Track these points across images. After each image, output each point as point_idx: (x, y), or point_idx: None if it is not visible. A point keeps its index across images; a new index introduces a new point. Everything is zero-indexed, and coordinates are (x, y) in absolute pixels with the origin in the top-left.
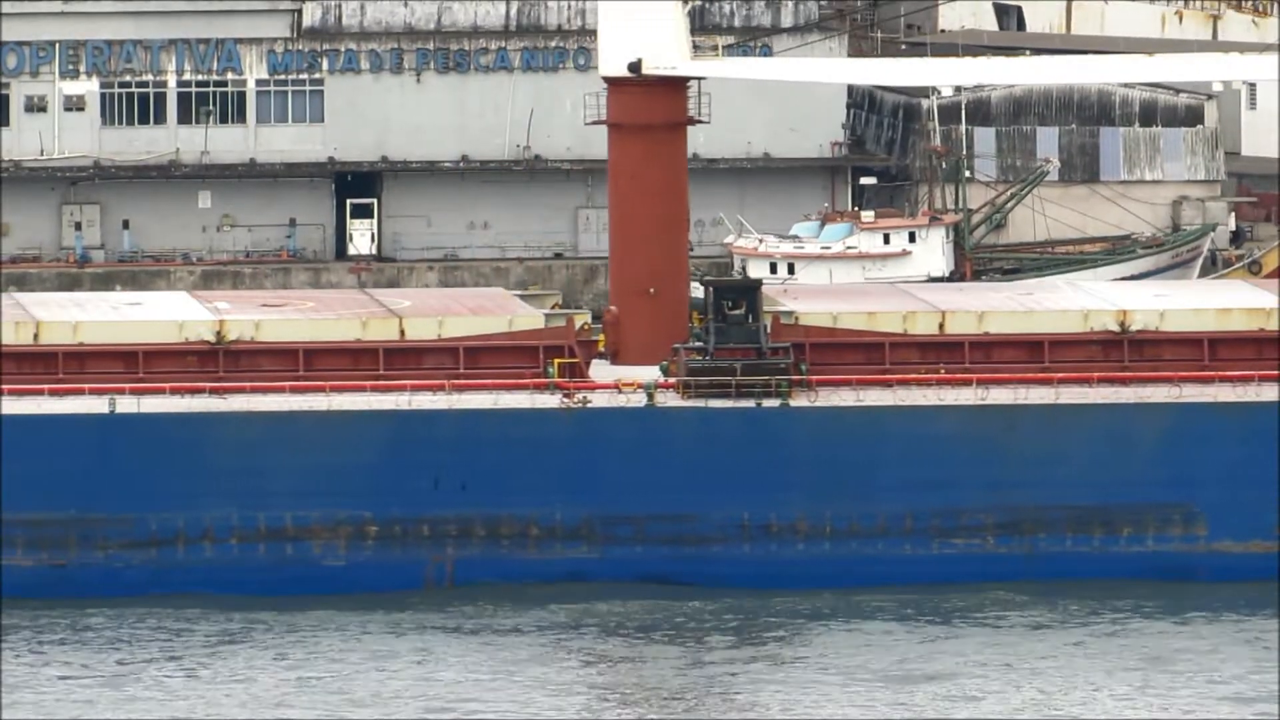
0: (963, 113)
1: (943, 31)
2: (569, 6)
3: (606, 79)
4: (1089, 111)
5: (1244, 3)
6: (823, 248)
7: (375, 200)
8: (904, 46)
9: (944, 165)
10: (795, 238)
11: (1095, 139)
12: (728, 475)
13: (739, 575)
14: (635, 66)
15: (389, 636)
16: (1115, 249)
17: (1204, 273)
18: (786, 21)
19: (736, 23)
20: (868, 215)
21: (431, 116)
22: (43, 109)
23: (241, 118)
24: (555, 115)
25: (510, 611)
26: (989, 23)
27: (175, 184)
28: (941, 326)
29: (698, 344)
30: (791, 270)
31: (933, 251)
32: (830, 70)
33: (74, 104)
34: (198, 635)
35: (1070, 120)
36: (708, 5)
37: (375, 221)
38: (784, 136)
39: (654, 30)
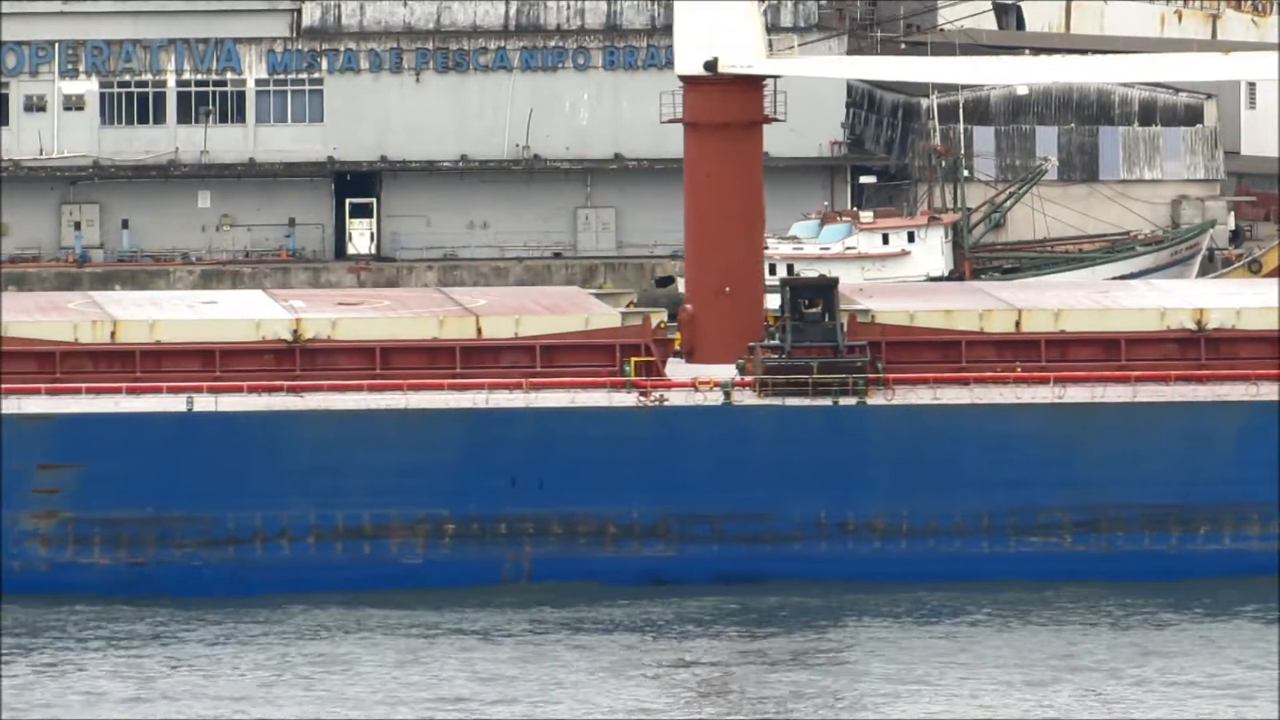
0: (961, 112)
1: (942, 31)
2: (569, 6)
3: (682, 78)
4: (1088, 111)
5: (1244, 2)
6: (822, 248)
7: (375, 200)
8: (903, 46)
9: (943, 164)
10: (794, 238)
11: (1094, 138)
12: (805, 473)
13: (816, 573)
14: (711, 65)
15: (474, 636)
16: (1114, 247)
17: (1203, 271)
18: (786, 22)
19: None
20: (867, 215)
21: (431, 116)
22: (42, 109)
23: (241, 117)
24: (555, 115)
25: (588, 609)
26: (988, 22)
27: (175, 184)
28: (1018, 325)
29: (774, 342)
30: (791, 271)
31: (932, 251)
32: (904, 68)
33: (73, 104)
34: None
35: (1069, 119)
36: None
37: (375, 221)
38: (783, 136)
39: (730, 29)
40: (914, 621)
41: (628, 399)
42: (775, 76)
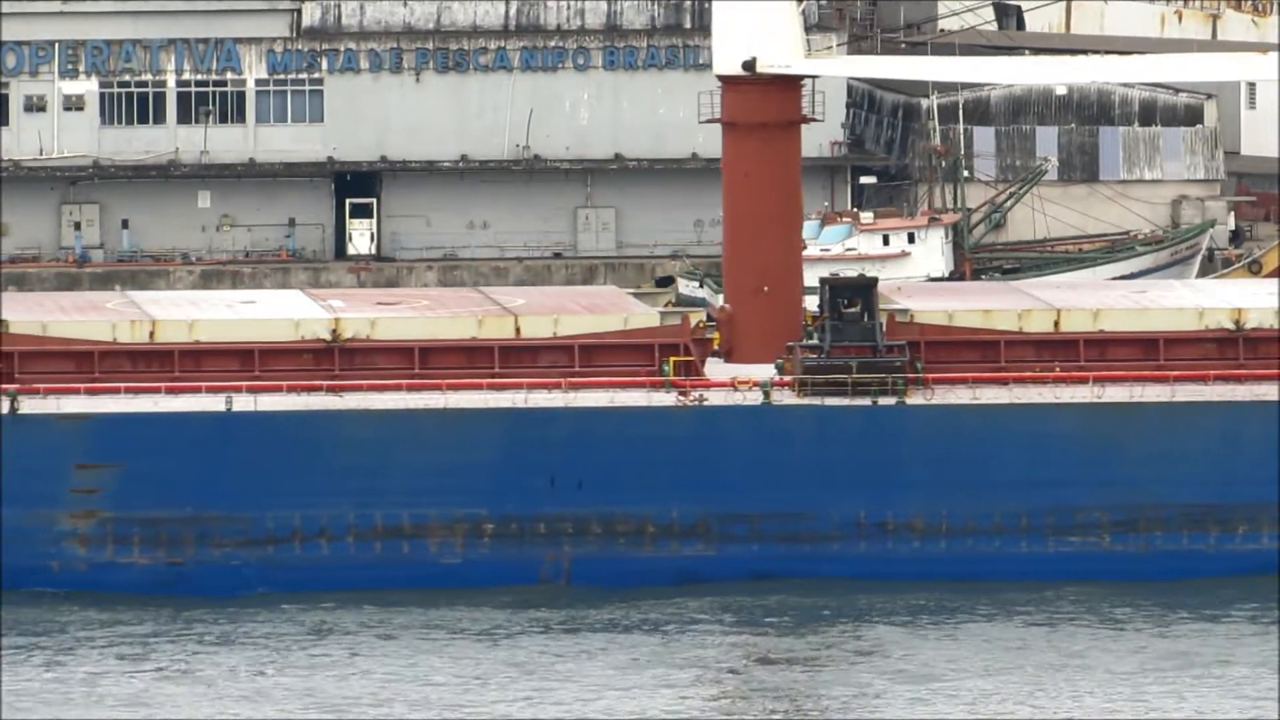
0: (961, 112)
1: (942, 31)
2: (569, 6)
3: (721, 77)
4: (1088, 111)
5: (1244, 3)
6: (822, 249)
7: (375, 200)
8: (903, 47)
9: (943, 165)
10: None
11: (1095, 138)
12: (844, 473)
13: (855, 573)
14: (750, 65)
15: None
16: (1114, 247)
17: (1203, 271)
18: None
19: None
20: (867, 216)
21: (431, 116)
22: (42, 109)
23: (241, 117)
24: (554, 115)
25: (627, 608)
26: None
27: (175, 184)
28: (1056, 324)
29: (813, 342)
30: None
31: (932, 252)
32: (942, 68)
33: (73, 104)
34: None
35: (1070, 120)
36: (708, 5)
37: (374, 221)
38: None
39: (768, 29)
40: (950, 621)
41: (667, 399)
42: (814, 76)
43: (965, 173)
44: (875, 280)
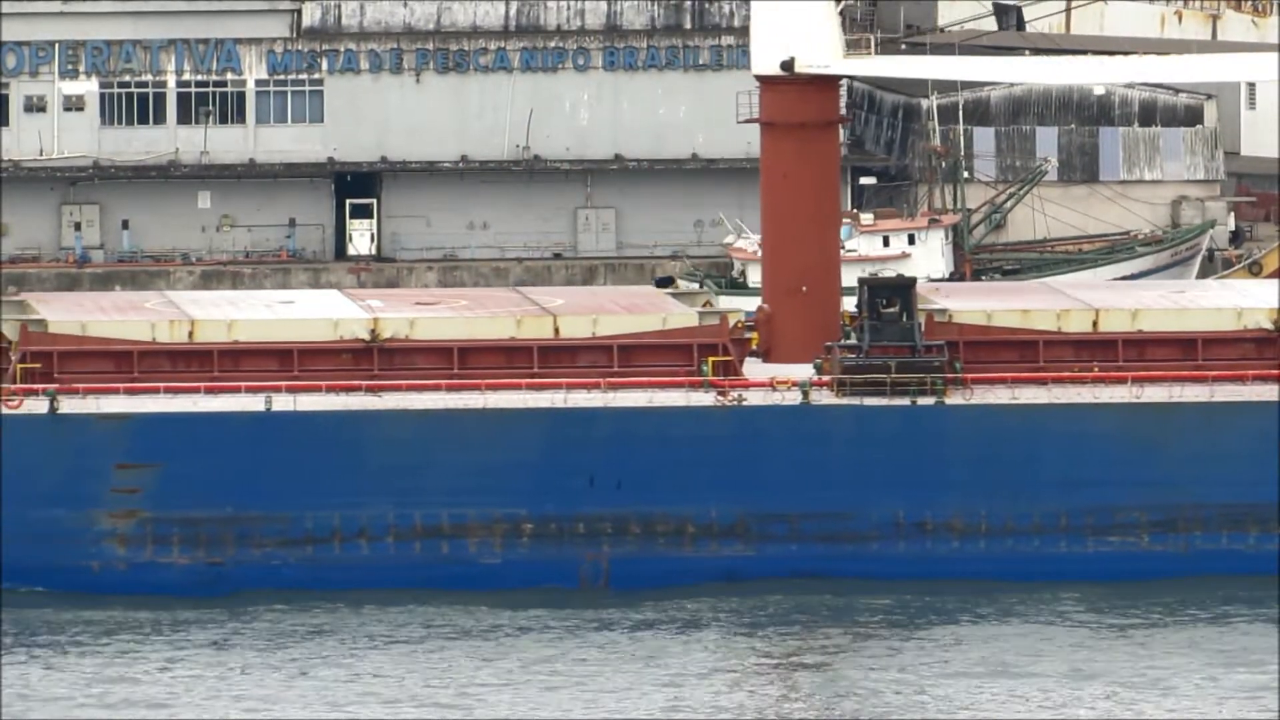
0: (961, 113)
1: (942, 31)
2: (569, 6)
3: (759, 77)
4: (1088, 111)
5: (1244, 3)
6: None
7: (375, 200)
8: (904, 47)
9: (943, 165)
10: None
11: (1095, 139)
12: (883, 473)
13: (894, 573)
14: (788, 65)
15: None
16: (1114, 248)
17: (1203, 271)
18: None
19: (736, 22)
20: (867, 217)
21: (431, 116)
22: (42, 109)
23: (241, 118)
24: (555, 115)
25: (664, 607)
26: (987, 23)
27: (175, 184)
28: (1095, 324)
29: (851, 342)
30: None
31: (932, 253)
32: (983, 69)
33: (73, 104)
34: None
35: (1070, 120)
36: (708, 5)
37: (375, 222)
38: None
39: (807, 29)
40: (990, 621)
41: (706, 398)
42: (852, 76)
43: (965, 173)
44: (914, 280)
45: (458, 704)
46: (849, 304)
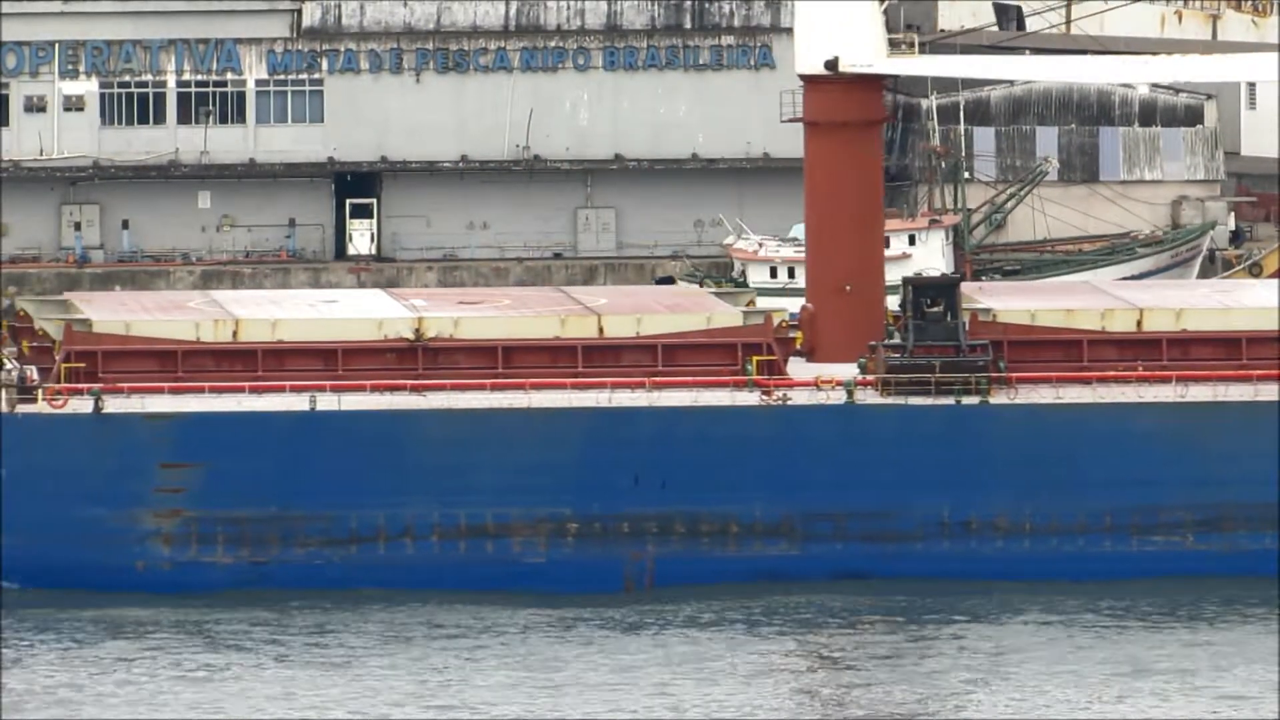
0: (961, 113)
1: (942, 31)
2: (569, 6)
3: (803, 77)
4: (1089, 111)
5: (1244, 3)
6: None
7: (375, 200)
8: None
9: (943, 166)
10: (795, 240)
11: (1095, 139)
12: (928, 472)
13: (938, 573)
14: (832, 65)
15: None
16: (1114, 248)
17: (1203, 272)
18: (786, 21)
19: (736, 22)
20: None
21: (431, 116)
22: (42, 109)
23: (241, 118)
24: (555, 115)
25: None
26: (988, 22)
27: (175, 184)
28: (1139, 324)
29: (896, 341)
30: (792, 274)
31: (933, 253)
32: (1026, 68)
33: (73, 104)
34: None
35: (1070, 120)
36: (708, 5)
37: (375, 221)
38: (784, 136)
39: (850, 28)
40: (1036, 621)
41: (750, 398)
42: (895, 76)
43: (965, 173)
44: (959, 279)
45: (498, 701)
46: (892, 303)
